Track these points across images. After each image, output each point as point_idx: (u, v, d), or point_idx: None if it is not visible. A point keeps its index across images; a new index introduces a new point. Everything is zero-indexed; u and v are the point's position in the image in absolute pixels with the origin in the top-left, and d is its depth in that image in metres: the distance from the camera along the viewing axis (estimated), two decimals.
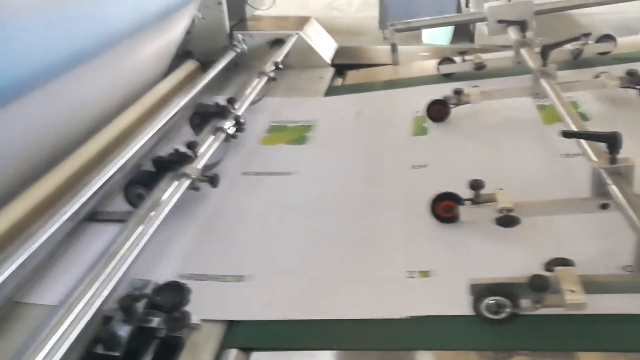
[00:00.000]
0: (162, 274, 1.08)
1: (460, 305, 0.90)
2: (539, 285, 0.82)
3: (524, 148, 1.40)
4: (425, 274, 1.01)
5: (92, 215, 1.29)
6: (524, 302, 0.85)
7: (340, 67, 2.18)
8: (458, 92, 1.52)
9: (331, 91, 1.96)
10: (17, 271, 1.04)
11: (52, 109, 1.29)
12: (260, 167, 1.44)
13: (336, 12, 6.73)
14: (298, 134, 1.61)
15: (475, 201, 1.08)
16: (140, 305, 0.96)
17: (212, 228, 1.22)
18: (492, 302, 0.85)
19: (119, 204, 1.33)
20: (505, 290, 0.85)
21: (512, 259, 1.01)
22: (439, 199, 1.11)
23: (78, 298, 0.92)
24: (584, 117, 1.47)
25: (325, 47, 2.29)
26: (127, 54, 1.60)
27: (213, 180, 1.20)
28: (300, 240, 1.14)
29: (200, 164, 1.24)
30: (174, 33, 1.86)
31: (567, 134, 1.15)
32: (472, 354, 0.84)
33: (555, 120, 1.46)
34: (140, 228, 1.07)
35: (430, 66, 2.04)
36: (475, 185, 1.07)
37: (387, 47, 2.33)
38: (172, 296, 0.91)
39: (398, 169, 1.37)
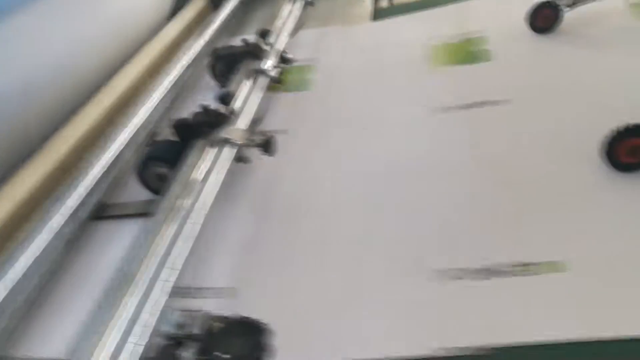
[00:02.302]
0: (210, 295, 0.73)
1: None
2: None
3: None
4: None
5: (100, 211, 0.92)
6: None
7: None
8: None
9: (380, 14, 1.54)
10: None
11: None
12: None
13: None
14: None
15: None
16: (190, 354, 0.61)
17: (268, 214, 0.84)
18: None
19: (134, 192, 0.96)
20: None
21: None
22: (621, 136, 0.72)
23: (90, 350, 0.57)
24: None
25: None
26: None
27: (267, 145, 0.82)
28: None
29: (242, 123, 0.85)
30: None
31: None
32: None
33: None
34: (174, 227, 0.71)
35: None
36: None
37: None
38: (243, 346, 0.55)
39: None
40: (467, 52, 1.16)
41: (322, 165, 0.90)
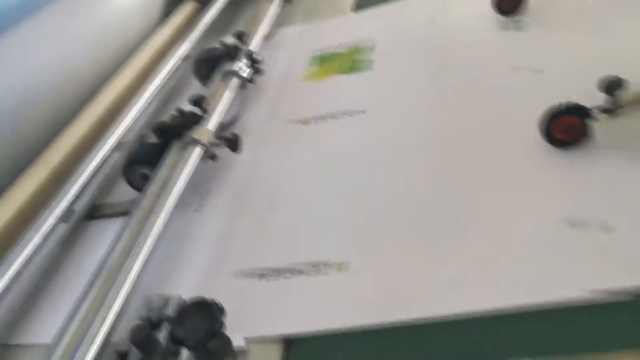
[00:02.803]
0: (187, 280, 0.80)
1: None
2: None
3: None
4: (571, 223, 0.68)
5: (92, 212, 1.01)
6: None
7: None
8: None
9: (360, 4, 1.58)
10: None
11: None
12: (311, 111, 1.09)
13: None
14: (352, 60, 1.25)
15: (613, 110, 0.73)
16: (163, 334, 0.69)
17: (246, 206, 0.92)
18: None
19: (126, 192, 1.04)
20: None
21: None
22: (556, 114, 0.76)
23: (74, 335, 0.66)
24: None
25: None
26: None
27: (232, 143, 0.89)
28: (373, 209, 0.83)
29: (211, 124, 0.92)
30: None
31: None
32: None
33: None
34: (145, 222, 0.79)
35: None
36: (612, 84, 0.72)
37: None
38: (199, 323, 0.63)
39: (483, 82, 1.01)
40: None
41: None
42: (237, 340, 0.67)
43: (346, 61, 1.24)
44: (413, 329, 0.63)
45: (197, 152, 0.86)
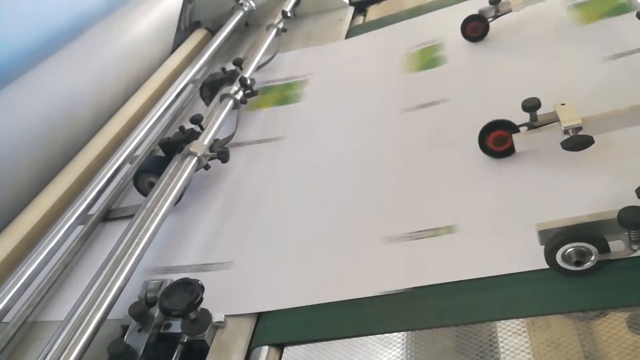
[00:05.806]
0: (182, 266, 0.96)
1: (531, 259, 0.71)
2: (634, 220, 0.62)
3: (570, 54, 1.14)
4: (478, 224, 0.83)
5: (107, 215, 1.19)
6: (616, 245, 0.66)
7: (361, 5, 1.95)
8: (495, 2, 1.27)
9: (352, 32, 1.74)
10: (30, 290, 0.96)
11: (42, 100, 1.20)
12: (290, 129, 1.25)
13: None
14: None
15: (533, 125, 0.87)
16: (156, 310, 0.85)
17: (231, 209, 1.07)
18: (571, 250, 0.66)
19: (137, 198, 1.21)
20: (587, 232, 0.65)
21: (590, 191, 0.80)
22: (488, 129, 0.90)
23: (83, 311, 0.81)
24: None
25: None
26: (122, 28, 1.48)
27: (223, 155, 1.05)
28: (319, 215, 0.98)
29: (206, 139, 1.09)
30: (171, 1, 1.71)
31: None
32: (555, 318, 0.66)
33: (597, 17, 1.21)
34: (149, 221, 0.95)
35: None
36: (530, 105, 0.85)
37: None
38: (183, 297, 0.78)
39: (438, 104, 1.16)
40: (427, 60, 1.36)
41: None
42: (218, 317, 0.83)
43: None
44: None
45: (192, 163, 1.02)
